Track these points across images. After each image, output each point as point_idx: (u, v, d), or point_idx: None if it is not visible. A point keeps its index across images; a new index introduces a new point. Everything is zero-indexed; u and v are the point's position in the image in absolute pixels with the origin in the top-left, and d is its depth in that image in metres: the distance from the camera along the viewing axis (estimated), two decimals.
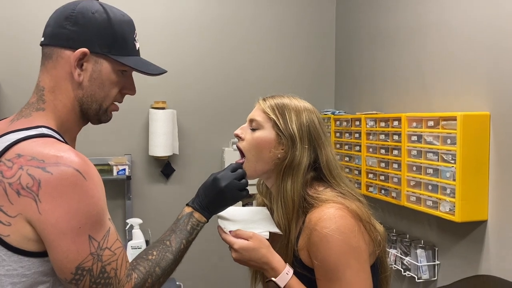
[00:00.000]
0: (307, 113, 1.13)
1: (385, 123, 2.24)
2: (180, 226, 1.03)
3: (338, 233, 0.98)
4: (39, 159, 0.81)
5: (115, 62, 0.95)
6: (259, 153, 1.11)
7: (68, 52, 0.93)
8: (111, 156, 2.64)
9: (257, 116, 1.15)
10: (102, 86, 0.96)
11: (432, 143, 1.90)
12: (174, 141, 2.71)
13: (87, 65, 0.94)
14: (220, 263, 2.78)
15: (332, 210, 1.01)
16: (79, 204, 0.81)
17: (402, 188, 2.08)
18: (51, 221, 0.80)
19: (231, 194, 1.06)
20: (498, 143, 1.75)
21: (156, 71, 1.01)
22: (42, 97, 0.94)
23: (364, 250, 1.02)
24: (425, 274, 2.07)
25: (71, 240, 0.81)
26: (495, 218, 1.77)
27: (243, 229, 1.06)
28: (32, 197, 0.80)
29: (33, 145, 0.83)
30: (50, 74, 0.94)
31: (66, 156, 0.82)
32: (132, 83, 1.02)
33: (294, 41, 2.99)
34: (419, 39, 2.20)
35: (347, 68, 2.92)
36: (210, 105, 2.86)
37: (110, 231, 0.86)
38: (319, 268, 1.01)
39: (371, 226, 1.05)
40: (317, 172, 1.12)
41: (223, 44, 2.87)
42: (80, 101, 0.96)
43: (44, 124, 0.90)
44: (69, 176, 0.81)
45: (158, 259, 0.95)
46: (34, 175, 0.80)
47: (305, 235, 1.04)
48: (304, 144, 1.09)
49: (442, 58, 2.04)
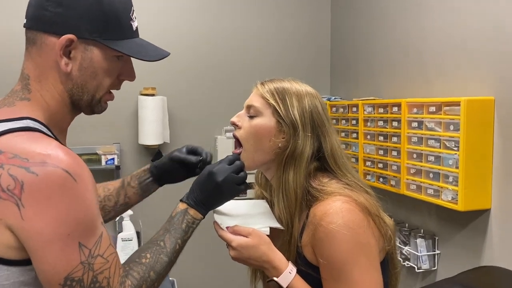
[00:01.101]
0: (309, 98, 1.04)
1: (383, 109, 2.16)
2: (174, 225, 0.94)
3: (346, 228, 0.91)
4: (23, 158, 0.71)
5: (107, 48, 0.84)
6: (258, 142, 1.03)
7: (53, 39, 0.81)
8: (99, 145, 2.54)
9: (255, 101, 1.05)
10: (94, 76, 0.85)
11: (433, 130, 1.83)
12: (164, 129, 2.62)
13: (76, 53, 0.82)
14: (215, 258, 2.71)
15: (339, 204, 0.94)
16: (68, 209, 0.71)
17: (401, 176, 2.01)
18: (36, 228, 0.70)
19: (228, 189, 0.98)
20: (502, 129, 1.69)
21: (156, 56, 0.90)
22: (28, 86, 0.83)
23: (373, 246, 0.94)
24: (425, 264, 2.02)
25: (59, 249, 0.71)
26: (498, 206, 1.71)
27: (241, 225, 0.98)
28: (13, 201, 0.70)
29: (16, 140, 0.73)
30: (35, 61, 0.83)
31: (53, 155, 0.72)
32: (130, 68, 0.91)
33: (287, 23, 2.89)
34: (420, 21, 2.11)
35: (343, 52, 2.83)
36: (202, 91, 2.76)
37: (103, 236, 0.77)
38: (325, 267, 0.93)
39: (381, 220, 0.97)
40: (321, 162, 1.04)
41: (216, 28, 2.76)
42: (70, 92, 0.85)
43: (29, 115, 0.80)
44: (57, 177, 0.71)
45: (153, 262, 0.87)
46: (16, 176, 0.70)
47: (309, 230, 0.97)
48: (307, 132, 1.01)
49: (443, 40, 1.96)
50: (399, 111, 2.02)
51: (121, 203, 1.16)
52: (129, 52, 0.86)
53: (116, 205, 1.15)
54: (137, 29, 0.90)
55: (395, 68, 2.31)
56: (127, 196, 1.16)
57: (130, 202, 1.17)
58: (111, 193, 1.16)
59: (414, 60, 2.16)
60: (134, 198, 1.17)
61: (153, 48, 0.91)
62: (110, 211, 1.15)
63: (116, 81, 0.90)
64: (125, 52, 0.85)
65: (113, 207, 1.15)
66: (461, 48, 1.86)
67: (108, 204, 1.15)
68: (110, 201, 1.15)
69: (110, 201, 1.15)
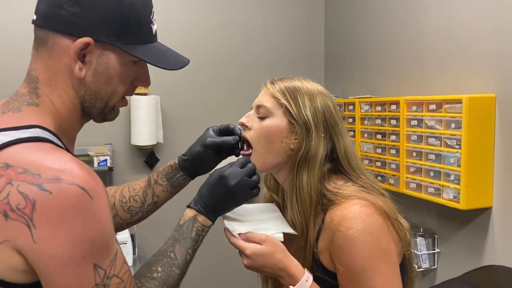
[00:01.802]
0: (321, 97, 1.00)
1: (381, 107, 2.14)
2: (184, 234, 0.90)
3: (366, 234, 0.87)
4: (34, 173, 0.65)
5: (125, 53, 0.78)
6: (269, 144, 0.99)
7: (67, 41, 0.75)
8: (91, 146, 2.48)
9: (265, 102, 1.01)
10: (109, 82, 0.79)
11: (434, 128, 1.81)
12: (158, 129, 2.57)
13: (91, 57, 0.76)
14: (222, 263, 2.66)
15: (357, 208, 0.90)
16: (84, 230, 0.65)
17: (400, 174, 1.99)
18: (49, 251, 0.64)
19: (241, 193, 0.93)
20: (503, 126, 1.67)
21: (177, 64, 0.83)
22: (36, 90, 0.77)
23: (393, 252, 0.91)
24: (425, 263, 2.01)
25: (73, 272, 0.65)
26: (500, 204, 1.70)
27: (253, 231, 0.94)
28: (24, 222, 0.64)
29: (25, 152, 0.67)
30: (45, 63, 0.77)
31: (68, 170, 0.65)
32: (146, 73, 0.85)
33: (280, 21, 2.85)
34: (418, 17, 2.10)
35: (338, 49, 2.81)
36: (196, 90, 2.71)
37: (118, 255, 0.71)
38: (344, 274, 0.90)
39: (399, 224, 0.94)
40: (334, 164, 1.00)
41: (209, 26, 2.72)
42: (82, 99, 0.79)
43: (38, 123, 0.73)
44: (72, 196, 0.65)
45: (165, 276, 0.82)
46: (27, 193, 0.64)
47: (326, 235, 0.93)
48: (320, 133, 0.97)
49: (442, 37, 1.94)
50: (398, 109, 2.00)
51: (148, 203, 1.09)
52: (150, 59, 0.80)
53: (144, 205, 1.09)
54: (156, 33, 0.85)
55: (392, 66, 2.29)
56: (155, 195, 1.09)
57: (159, 201, 1.10)
58: (137, 193, 1.09)
59: (412, 58, 2.14)
60: (164, 196, 1.10)
61: (173, 55, 0.85)
62: (137, 212, 1.09)
63: (130, 87, 0.84)
64: (146, 59, 0.80)
65: (140, 208, 1.09)
66: (461, 45, 1.85)
67: (134, 205, 1.08)
68: (137, 201, 1.08)
69: (136, 201, 1.08)
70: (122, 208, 1.08)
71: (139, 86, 2.65)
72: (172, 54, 0.85)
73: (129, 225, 1.10)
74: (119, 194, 1.09)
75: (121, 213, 1.08)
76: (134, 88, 0.85)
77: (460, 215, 1.84)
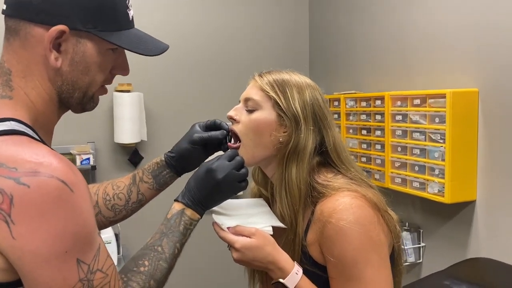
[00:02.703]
0: (310, 90, 1.00)
1: (366, 103, 2.15)
2: (171, 228, 0.88)
3: (357, 225, 0.87)
4: (10, 167, 0.62)
5: (102, 41, 0.75)
6: (257, 137, 0.98)
7: (40, 30, 0.72)
8: (73, 145, 2.43)
9: (254, 94, 1.00)
10: (86, 71, 0.76)
11: (418, 122, 1.82)
12: (141, 127, 2.53)
13: (67, 46, 0.73)
14: (210, 258, 2.65)
15: (348, 199, 0.90)
16: (65, 224, 0.63)
17: (386, 169, 2.00)
18: (30, 247, 0.62)
19: (229, 187, 0.92)
20: (487, 120, 1.69)
21: (157, 50, 0.81)
22: (9, 82, 0.74)
23: (384, 243, 0.91)
24: (410, 257, 2.02)
25: (55, 268, 0.63)
26: (483, 198, 1.72)
27: (242, 225, 0.93)
28: (2, 218, 0.62)
29: (0, 145, 0.64)
30: (18, 55, 0.74)
31: (46, 162, 0.63)
32: (124, 61, 0.83)
33: (263, 16, 2.84)
34: (401, 13, 2.10)
35: (322, 44, 2.81)
36: (180, 87, 2.68)
37: (101, 249, 0.69)
38: (335, 265, 0.90)
39: (389, 216, 0.94)
40: (323, 157, 1.00)
41: (192, 22, 2.69)
42: (59, 90, 0.76)
43: (12, 116, 0.70)
44: (52, 189, 0.62)
45: (152, 270, 0.80)
46: (3, 188, 0.62)
47: (315, 228, 0.92)
48: (309, 126, 0.97)
49: (425, 33, 1.96)
50: (382, 104, 2.01)
51: (133, 201, 1.07)
52: (128, 46, 0.77)
53: (128, 204, 1.06)
54: (133, 19, 0.82)
55: (376, 62, 2.30)
56: (140, 193, 1.07)
57: (144, 199, 1.08)
58: (121, 190, 1.06)
59: (396, 53, 2.15)
60: (150, 193, 1.08)
61: (151, 40, 0.83)
62: (121, 210, 1.06)
63: (109, 76, 0.82)
64: (124, 46, 0.77)
65: (124, 206, 1.06)
66: (444, 40, 1.86)
67: (118, 203, 1.06)
68: (121, 199, 1.06)
69: (120, 199, 1.06)
70: (105, 206, 1.06)
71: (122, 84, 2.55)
72: (151, 40, 0.83)
73: (112, 223, 1.08)
74: (102, 192, 1.07)
75: (104, 211, 1.05)
76: (113, 76, 0.83)
77: (444, 209, 1.85)
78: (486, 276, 1.39)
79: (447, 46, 1.84)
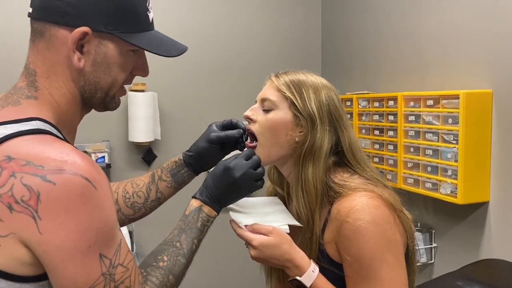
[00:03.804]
0: (326, 90, 1.01)
1: (379, 103, 2.15)
2: (189, 224, 0.90)
3: (374, 225, 0.89)
4: (37, 164, 0.65)
5: (123, 42, 0.78)
6: (274, 137, 1.00)
7: (64, 32, 0.75)
8: (88, 143, 2.47)
9: (270, 95, 1.02)
10: (108, 71, 0.79)
11: (431, 123, 1.82)
12: (155, 126, 2.56)
13: (89, 47, 0.76)
14: (226, 255, 2.67)
15: (365, 199, 0.91)
16: (89, 220, 0.66)
17: (398, 170, 2.01)
18: (56, 242, 0.65)
19: (246, 185, 0.94)
20: (500, 121, 1.69)
21: (176, 51, 0.84)
22: (34, 83, 0.76)
23: (399, 243, 0.93)
24: (422, 257, 2.02)
25: (79, 262, 0.66)
26: (496, 199, 1.72)
27: (259, 223, 0.95)
28: (29, 213, 0.64)
29: (27, 144, 0.67)
30: (43, 56, 0.76)
31: (71, 160, 0.66)
32: (145, 63, 0.85)
33: (277, 17, 2.85)
34: (415, 13, 2.10)
35: (334, 45, 2.81)
36: (193, 87, 2.71)
37: (122, 244, 0.72)
38: (351, 264, 0.91)
39: (404, 216, 0.96)
40: (339, 157, 1.02)
41: (207, 23, 2.71)
42: (82, 90, 0.79)
43: (38, 115, 0.73)
44: (76, 186, 0.65)
45: (171, 265, 0.83)
46: (31, 185, 0.64)
47: (332, 227, 0.94)
48: (325, 126, 0.98)
49: (439, 33, 1.95)
50: (395, 104, 2.01)
51: (152, 199, 1.09)
52: (149, 47, 0.80)
53: (147, 201, 1.09)
54: (152, 20, 0.84)
55: (389, 62, 2.30)
56: (159, 191, 1.09)
57: (163, 197, 1.10)
58: (140, 188, 1.09)
59: (409, 54, 2.15)
60: (168, 192, 1.10)
61: (171, 42, 0.85)
62: (140, 208, 1.09)
63: (129, 76, 0.84)
64: (145, 47, 0.80)
65: (143, 204, 1.09)
66: (458, 40, 1.85)
67: (137, 201, 1.08)
68: (140, 197, 1.08)
69: (140, 197, 1.08)
70: (125, 204, 1.08)
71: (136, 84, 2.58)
72: (170, 41, 0.85)
73: (131, 221, 1.11)
74: (122, 190, 1.09)
75: (124, 208, 1.08)
76: (133, 77, 0.86)
77: (457, 209, 1.85)
78: (499, 277, 1.39)
79: (461, 47, 1.84)
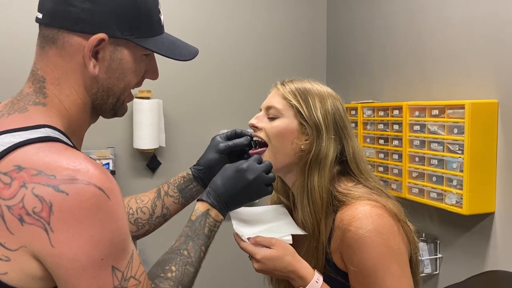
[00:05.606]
0: (331, 99, 1.02)
1: (384, 112, 2.15)
2: (196, 230, 0.87)
3: (376, 234, 0.88)
4: (49, 174, 0.62)
5: (138, 47, 0.76)
6: (280, 144, 0.99)
7: (79, 39, 0.72)
8: (93, 150, 2.48)
9: (276, 103, 1.02)
10: (122, 77, 0.77)
11: (437, 133, 1.81)
12: (160, 133, 2.57)
13: (104, 54, 0.74)
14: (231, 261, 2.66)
15: (368, 208, 0.91)
16: (102, 231, 0.63)
17: (403, 179, 2.00)
18: (68, 255, 0.62)
19: (257, 189, 0.92)
20: (506, 131, 1.68)
21: (189, 54, 0.82)
22: (43, 90, 0.74)
23: (404, 253, 0.92)
24: (427, 268, 2.00)
25: (92, 276, 0.63)
26: (502, 209, 1.70)
27: (262, 234, 0.95)
28: (41, 226, 0.61)
29: (37, 153, 0.64)
30: (54, 63, 0.74)
31: (84, 169, 0.63)
32: (155, 66, 0.83)
33: (282, 25, 2.86)
34: (420, 22, 2.10)
35: (339, 54, 2.81)
36: (198, 94, 2.71)
37: (134, 256, 0.69)
38: (355, 274, 0.91)
39: (408, 227, 0.95)
40: (343, 166, 1.01)
41: (211, 29, 2.72)
42: (94, 97, 0.76)
43: (46, 122, 0.70)
44: (90, 196, 0.62)
45: (180, 275, 0.80)
46: (43, 196, 0.61)
47: (337, 236, 0.94)
48: (330, 134, 0.98)
49: (445, 43, 1.95)
50: (400, 114, 2.00)
51: (157, 215, 1.05)
52: (165, 52, 0.78)
53: (152, 218, 1.05)
54: (163, 24, 0.83)
55: (394, 71, 2.30)
56: (165, 207, 1.05)
57: (169, 213, 1.06)
58: (145, 204, 1.05)
59: (415, 63, 2.15)
60: (175, 207, 1.06)
61: (183, 45, 0.84)
62: (144, 225, 1.05)
63: (140, 80, 0.83)
64: (161, 52, 0.78)
65: (147, 220, 1.05)
66: (464, 50, 1.85)
67: (141, 217, 1.04)
68: (145, 213, 1.05)
69: (144, 213, 1.04)
70: (128, 220, 1.04)
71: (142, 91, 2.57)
72: (182, 44, 0.84)
73: (133, 239, 1.06)
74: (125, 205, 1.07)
75: None
76: (143, 80, 0.84)
77: (462, 220, 1.84)
78: None
79: (467, 56, 1.84)
